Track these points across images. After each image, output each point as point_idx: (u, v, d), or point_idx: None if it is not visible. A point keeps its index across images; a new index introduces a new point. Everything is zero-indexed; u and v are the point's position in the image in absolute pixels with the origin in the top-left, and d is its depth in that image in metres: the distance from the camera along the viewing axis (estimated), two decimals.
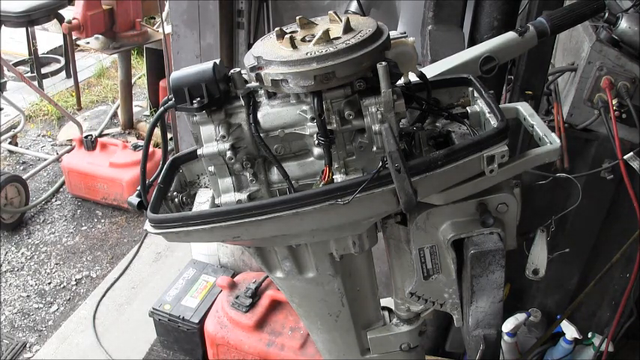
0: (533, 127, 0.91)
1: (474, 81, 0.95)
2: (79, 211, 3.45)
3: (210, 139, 0.81)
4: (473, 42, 1.58)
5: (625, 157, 1.60)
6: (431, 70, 1.14)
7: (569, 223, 1.94)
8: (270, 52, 0.77)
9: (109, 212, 3.43)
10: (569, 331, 2.11)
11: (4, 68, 3.74)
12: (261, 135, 0.81)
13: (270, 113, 0.82)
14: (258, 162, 0.85)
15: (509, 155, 0.80)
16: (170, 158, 0.97)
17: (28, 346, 2.59)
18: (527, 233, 1.05)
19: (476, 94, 0.95)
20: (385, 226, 0.99)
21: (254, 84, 0.79)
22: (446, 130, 0.92)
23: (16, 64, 4.44)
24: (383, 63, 0.73)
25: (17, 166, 3.85)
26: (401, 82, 0.88)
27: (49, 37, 5.11)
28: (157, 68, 3.81)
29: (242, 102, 0.82)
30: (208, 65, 0.80)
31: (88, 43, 3.63)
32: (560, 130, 1.75)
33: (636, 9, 1.71)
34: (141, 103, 4.42)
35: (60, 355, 2.49)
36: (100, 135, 3.97)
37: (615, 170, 1.70)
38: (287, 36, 0.77)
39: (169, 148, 2.91)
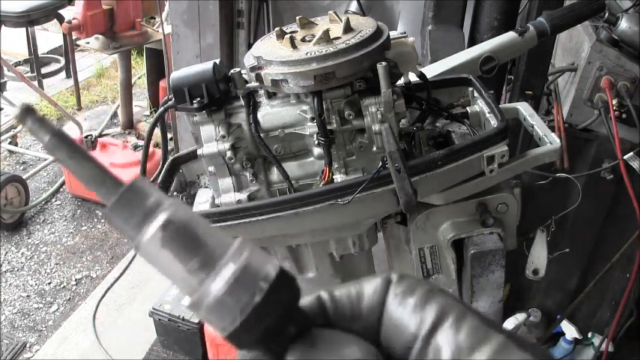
0: (533, 127, 0.91)
1: (474, 81, 0.95)
2: (79, 211, 3.45)
3: (210, 139, 0.81)
4: (473, 42, 1.58)
5: (625, 157, 1.60)
6: (431, 70, 1.14)
7: (569, 223, 1.94)
8: (270, 52, 0.77)
9: None
10: (569, 331, 2.11)
11: (4, 68, 3.74)
12: (261, 135, 0.81)
13: (270, 113, 0.82)
14: (258, 162, 0.85)
15: (509, 155, 0.80)
16: (170, 158, 0.97)
17: (28, 346, 2.59)
18: (527, 233, 1.05)
19: (476, 94, 0.95)
20: (385, 226, 0.99)
21: (254, 84, 0.79)
22: (446, 130, 0.92)
23: (16, 64, 4.44)
24: (383, 63, 0.73)
25: (17, 166, 3.85)
26: (401, 82, 0.88)
27: (49, 37, 5.11)
28: (157, 68, 3.81)
29: (242, 102, 0.82)
30: (208, 65, 0.80)
31: (88, 43, 3.63)
32: (560, 130, 1.75)
33: (636, 9, 1.71)
34: (141, 103, 4.41)
35: (60, 355, 2.49)
36: (100, 135, 3.97)
37: (615, 170, 1.70)
38: (287, 36, 0.77)
39: (169, 148, 2.91)
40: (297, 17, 0.83)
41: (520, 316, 2.10)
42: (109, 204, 0.28)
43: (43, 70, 4.58)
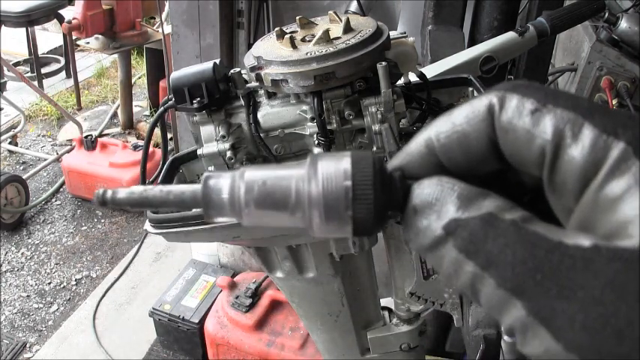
0: None
1: (474, 81, 0.95)
2: (79, 211, 3.45)
3: (210, 139, 0.81)
4: (473, 42, 1.58)
5: None
6: (431, 70, 1.14)
7: None
8: (270, 52, 0.77)
9: (109, 212, 3.43)
10: None
11: (4, 68, 3.75)
12: (261, 135, 0.81)
13: (270, 113, 0.82)
14: (258, 162, 0.85)
15: None
16: (170, 158, 0.97)
17: (28, 346, 2.59)
18: None
19: (476, 94, 0.95)
20: (385, 226, 0.98)
21: (254, 84, 0.79)
22: None
23: (16, 64, 4.44)
24: (383, 63, 0.73)
25: (17, 166, 3.85)
26: (401, 82, 0.88)
27: (49, 37, 5.11)
28: (157, 68, 3.81)
29: (242, 102, 0.82)
30: (208, 65, 0.80)
31: (88, 43, 3.63)
32: None
33: (636, 9, 1.71)
34: (141, 103, 4.42)
35: (60, 355, 2.49)
36: (100, 135, 3.97)
37: None
38: (287, 36, 0.77)
39: (169, 148, 2.91)
40: (297, 17, 0.83)
41: None
42: (202, 211, 0.31)
43: (43, 70, 4.58)
